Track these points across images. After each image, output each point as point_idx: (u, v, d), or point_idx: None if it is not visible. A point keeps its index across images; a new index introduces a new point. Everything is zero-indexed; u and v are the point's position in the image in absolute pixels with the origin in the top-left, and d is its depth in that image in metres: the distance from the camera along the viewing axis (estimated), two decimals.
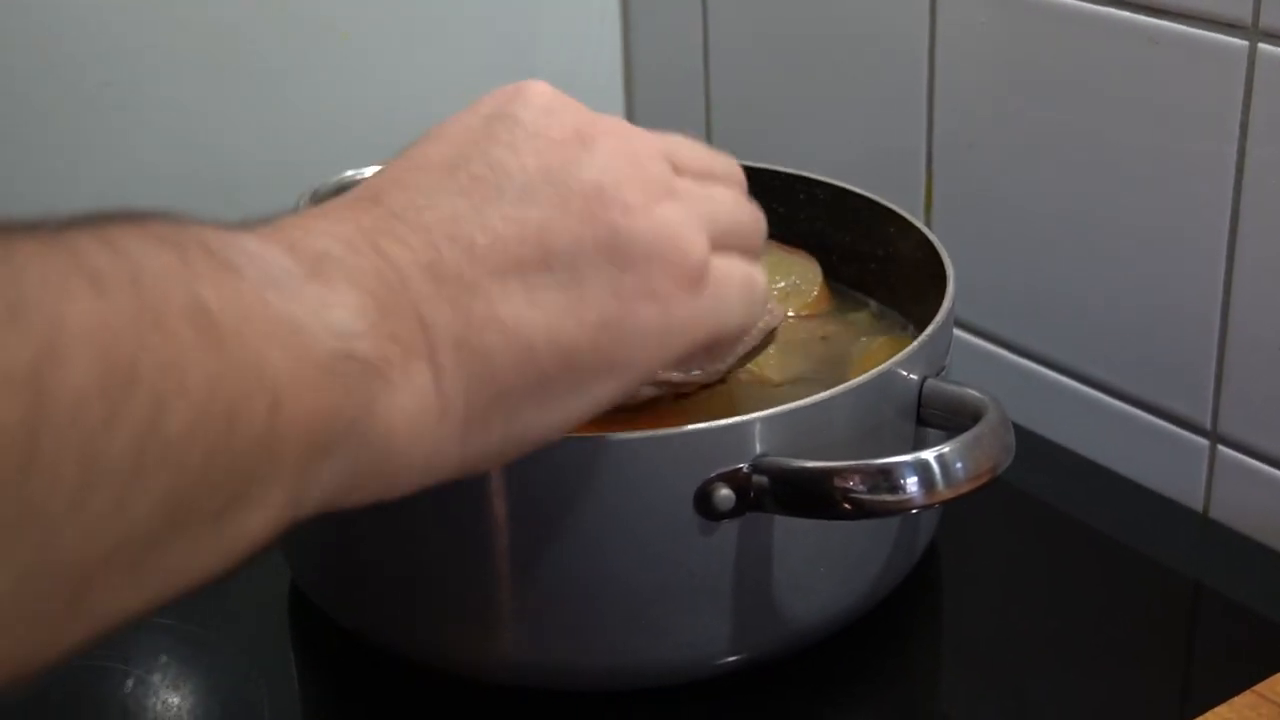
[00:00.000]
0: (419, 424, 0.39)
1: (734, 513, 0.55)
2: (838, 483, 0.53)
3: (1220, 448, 0.70)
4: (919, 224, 0.69)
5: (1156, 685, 0.60)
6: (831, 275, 0.75)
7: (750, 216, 0.51)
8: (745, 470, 0.55)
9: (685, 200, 0.46)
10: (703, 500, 0.55)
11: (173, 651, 0.63)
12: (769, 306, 0.59)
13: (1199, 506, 0.72)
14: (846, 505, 0.53)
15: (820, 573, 0.60)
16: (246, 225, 0.38)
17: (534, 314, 0.41)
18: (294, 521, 0.36)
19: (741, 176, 0.52)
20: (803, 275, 0.74)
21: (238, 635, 0.64)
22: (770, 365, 0.67)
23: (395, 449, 0.38)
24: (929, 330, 0.61)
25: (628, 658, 0.58)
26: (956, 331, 0.81)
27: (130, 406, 0.30)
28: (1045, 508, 0.73)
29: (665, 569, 0.56)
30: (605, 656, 0.58)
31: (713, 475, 0.55)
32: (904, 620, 0.65)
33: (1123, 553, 0.69)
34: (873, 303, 0.75)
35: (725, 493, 0.55)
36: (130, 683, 0.61)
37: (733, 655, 0.59)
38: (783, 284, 0.73)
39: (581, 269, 0.42)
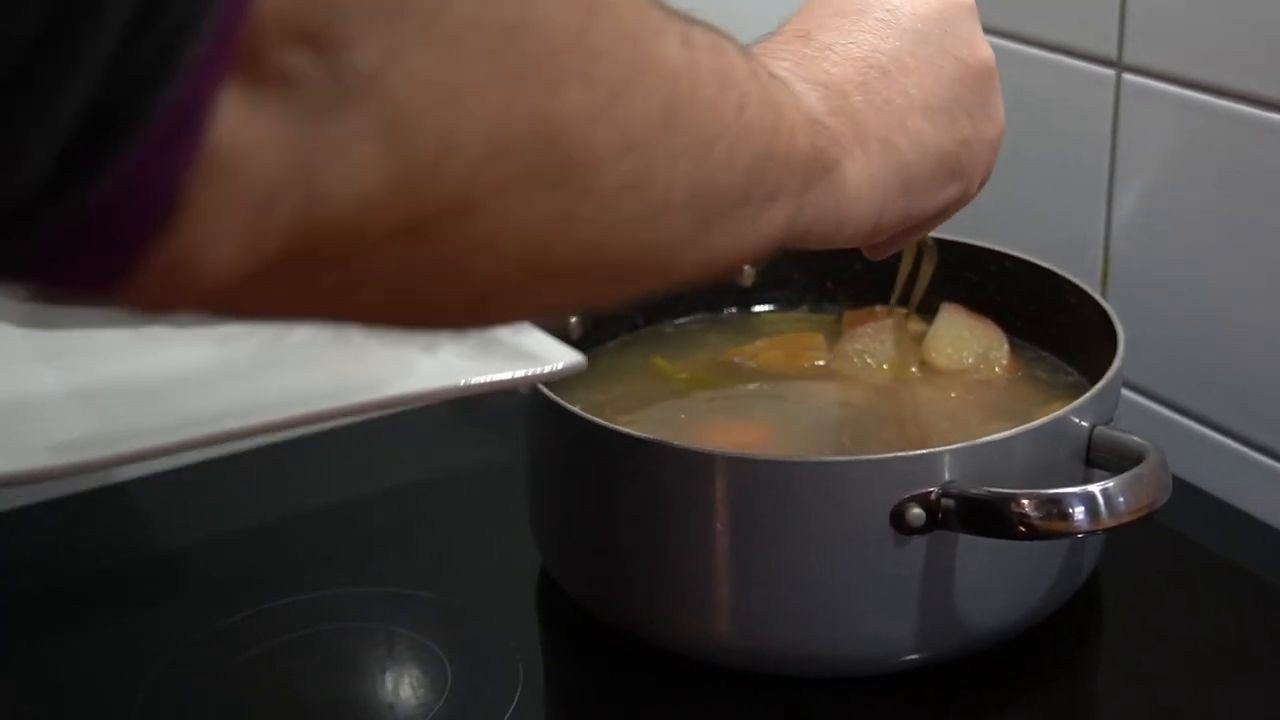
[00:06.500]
0: (858, 188, 0.51)
1: (924, 529, 0.65)
2: (1015, 508, 0.63)
3: None
4: (1095, 294, 0.79)
5: None
6: (1017, 336, 0.85)
7: None
8: (935, 494, 0.65)
9: None
10: (897, 517, 0.65)
11: (439, 620, 0.76)
12: None
13: None
14: (1021, 528, 0.63)
15: (996, 586, 0.69)
16: None
17: (926, 126, 0.54)
18: (786, 239, 0.47)
19: None
20: (992, 344, 0.84)
21: (496, 609, 0.77)
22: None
23: (844, 201, 0.50)
24: (1100, 384, 0.70)
25: (825, 649, 0.69)
26: (1129, 393, 0.90)
27: (732, 98, 0.42)
28: (1200, 550, 0.81)
29: (862, 575, 0.67)
30: (806, 647, 0.69)
31: (907, 496, 0.65)
32: (1067, 635, 0.74)
33: (1270, 593, 0.78)
34: (1051, 360, 0.84)
35: (917, 511, 0.65)
36: (399, 644, 0.74)
37: (915, 654, 0.69)
38: (977, 351, 0.84)
39: (959, 95, 0.55)
